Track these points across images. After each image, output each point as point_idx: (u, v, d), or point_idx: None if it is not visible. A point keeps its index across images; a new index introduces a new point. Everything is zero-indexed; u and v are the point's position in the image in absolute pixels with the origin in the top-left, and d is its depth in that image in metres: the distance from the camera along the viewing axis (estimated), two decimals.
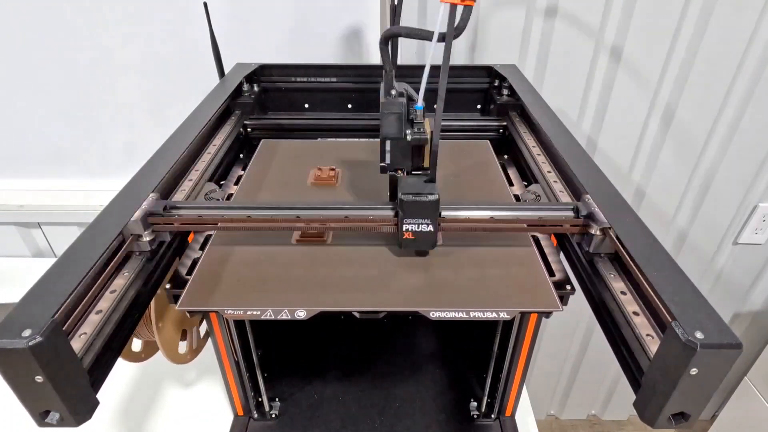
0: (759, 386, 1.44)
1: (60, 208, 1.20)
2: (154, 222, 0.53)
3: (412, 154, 0.53)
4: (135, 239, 0.51)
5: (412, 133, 0.52)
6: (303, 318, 0.49)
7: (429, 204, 0.51)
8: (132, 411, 0.89)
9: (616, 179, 0.60)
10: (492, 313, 0.49)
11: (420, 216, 0.52)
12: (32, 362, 0.35)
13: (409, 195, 0.51)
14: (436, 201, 0.51)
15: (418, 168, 0.55)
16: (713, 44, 1.02)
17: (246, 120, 0.86)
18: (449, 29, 0.45)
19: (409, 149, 0.53)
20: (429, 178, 0.54)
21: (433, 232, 0.53)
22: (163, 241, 0.54)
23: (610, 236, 0.50)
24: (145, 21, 1.00)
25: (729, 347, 0.36)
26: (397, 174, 0.55)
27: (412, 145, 0.53)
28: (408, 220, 0.52)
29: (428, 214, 0.52)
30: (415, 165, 0.54)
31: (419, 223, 0.52)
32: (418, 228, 0.53)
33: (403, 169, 0.55)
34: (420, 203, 0.51)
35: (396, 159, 0.54)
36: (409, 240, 0.53)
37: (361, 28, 1.02)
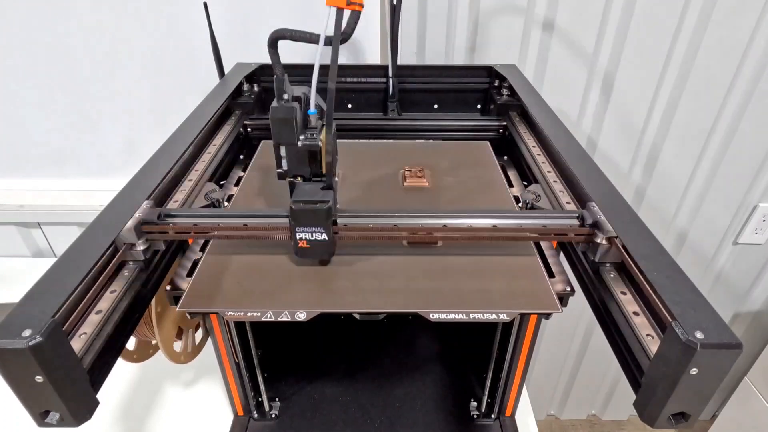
0: (759, 386, 1.44)
1: (60, 208, 1.20)
2: (147, 230, 0.51)
3: (308, 160, 0.52)
4: (128, 248, 0.50)
5: (304, 139, 0.50)
6: (303, 319, 0.49)
7: (320, 212, 0.50)
8: (132, 411, 0.89)
9: (616, 179, 0.60)
10: (491, 314, 0.49)
11: (312, 224, 0.51)
12: (32, 362, 0.35)
13: (299, 203, 0.50)
14: (327, 209, 0.50)
15: (317, 174, 0.53)
16: (713, 44, 1.02)
17: (246, 120, 0.86)
18: (336, 33, 0.45)
19: (304, 155, 0.51)
20: (326, 184, 0.52)
21: (327, 241, 0.52)
22: (157, 250, 0.53)
23: (616, 245, 0.49)
24: (145, 21, 1.00)
25: (729, 347, 0.36)
26: (296, 181, 0.53)
27: (306, 151, 0.51)
28: (300, 228, 0.51)
29: (320, 222, 0.50)
30: (314, 171, 0.53)
31: (312, 232, 0.51)
32: (312, 236, 0.51)
33: (302, 175, 0.53)
34: (310, 211, 0.50)
35: (293, 165, 0.52)
36: (304, 249, 0.52)
37: (361, 28, 1.01)
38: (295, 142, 0.50)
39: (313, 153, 0.51)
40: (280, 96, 0.50)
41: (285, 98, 0.50)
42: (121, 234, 0.49)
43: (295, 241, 0.52)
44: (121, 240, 0.49)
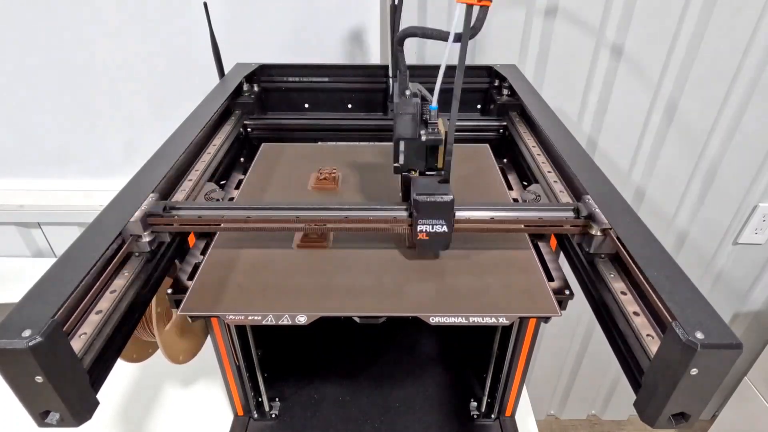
0: (759, 386, 1.44)
1: (60, 208, 1.20)
2: (153, 222, 0.52)
3: (426, 155, 0.53)
4: (135, 240, 0.51)
5: (426, 133, 0.51)
6: (304, 323, 0.49)
7: (444, 204, 0.51)
8: (132, 411, 0.89)
9: (616, 179, 0.60)
10: (491, 318, 0.49)
11: (434, 216, 0.51)
12: (32, 362, 0.35)
13: (423, 195, 0.50)
14: (450, 201, 0.51)
15: (431, 168, 0.54)
16: (713, 44, 1.02)
17: (246, 120, 0.86)
18: (465, 29, 0.44)
19: (423, 150, 0.52)
20: (443, 178, 0.53)
21: (447, 232, 0.52)
22: (162, 242, 0.54)
23: (610, 237, 0.50)
24: (145, 21, 1.00)
25: (729, 347, 0.36)
26: (411, 174, 0.54)
27: (426, 146, 0.52)
28: (422, 220, 0.51)
29: (443, 214, 0.51)
30: (429, 165, 0.54)
31: (433, 224, 0.52)
32: (432, 229, 0.52)
33: (416, 169, 0.54)
34: (435, 204, 0.51)
35: (410, 159, 0.53)
36: (424, 241, 0.53)
37: (362, 28, 1.02)
38: (418, 137, 0.51)
39: (432, 148, 0.53)
40: (402, 92, 0.51)
41: (407, 94, 0.51)
42: (128, 226, 0.50)
43: (414, 233, 0.52)
44: (128, 231, 0.50)
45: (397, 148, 0.52)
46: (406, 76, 0.50)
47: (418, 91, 0.52)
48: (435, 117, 0.52)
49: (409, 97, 0.50)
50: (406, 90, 0.51)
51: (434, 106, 0.52)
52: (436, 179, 0.53)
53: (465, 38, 0.45)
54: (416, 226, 0.52)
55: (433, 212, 0.51)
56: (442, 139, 0.51)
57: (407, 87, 0.51)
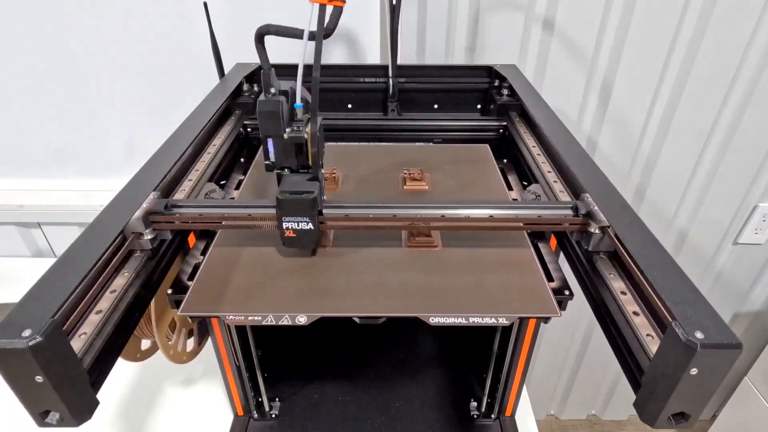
0: (759, 386, 1.44)
1: (60, 208, 1.20)
2: (155, 220, 0.53)
3: (295, 152, 0.53)
4: (136, 238, 0.51)
5: (290, 131, 0.52)
6: (304, 324, 0.49)
7: (306, 202, 0.51)
8: (132, 411, 0.89)
9: (616, 179, 0.60)
10: (491, 319, 0.49)
11: (298, 214, 0.52)
12: (32, 362, 0.35)
13: (285, 193, 0.51)
14: (313, 199, 0.51)
15: (304, 166, 0.55)
16: (713, 44, 1.02)
17: (246, 120, 0.86)
18: (319, 29, 0.47)
19: (291, 147, 0.53)
20: (312, 176, 0.54)
21: (313, 230, 0.53)
22: (164, 240, 0.54)
23: (609, 235, 0.50)
24: (145, 21, 1.00)
25: (729, 347, 0.36)
26: (283, 172, 0.55)
27: (293, 143, 0.52)
28: (286, 218, 0.52)
29: (306, 212, 0.52)
30: (301, 163, 0.54)
31: (298, 221, 0.53)
32: (298, 226, 0.53)
33: (289, 167, 0.54)
34: (296, 201, 0.51)
35: (279, 157, 0.54)
36: (291, 238, 0.54)
37: (361, 27, 1.02)
38: (282, 135, 0.51)
39: (299, 145, 0.53)
40: (267, 90, 0.51)
41: (272, 92, 0.51)
42: (130, 224, 0.50)
43: (281, 230, 0.53)
44: (130, 229, 0.51)
45: (266, 146, 0.53)
46: (269, 73, 0.51)
47: (289, 89, 0.52)
48: (301, 114, 0.53)
49: (273, 94, 0.51)
50: (270, 88, 0.51)
51: (298, 104, 0.52)
52: (306, 177, 0.54)
53: (319, 37, 0.47)
54: (281, 223, 0.53)
55: (296, 210, 0.52)
56: (304, 136, 0.52)
57: (271, 85, 0.51)
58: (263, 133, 0.52)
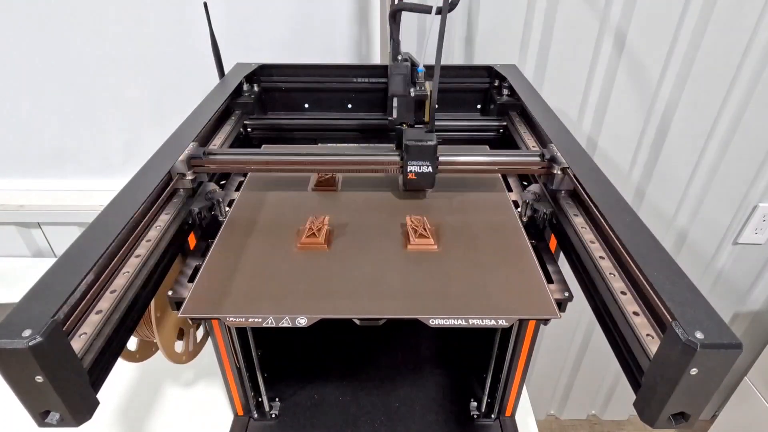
0: (759, 386, 1.44)
1: (60, 208, 1.20)
2: (195, 164, 0.63)
3: (414, 109, 0.64)
4: (180, 178, 0.61)
5: (415, 90, 0.63)
6: (304, 325, 0.49)
7: (429, 148, 0.61)
8: (132, 411, 0.89)
9: (616, 179, 0.61)
10: (491, 320, 0.49)
11: (421, 158, 0.61)
12: (32, 362, 0.35)
13: (412, 141, 0.61)
14: (434, 146, 0.61)
15: (419, 122, 0.65)
16: (713, 44, 1.02)
17: (246, 120, 0.86)
18: (445, 3, 0.55)
19: (413, 104, 0.64)
20: (429, 129, 0.63)
21: (431, 173, 0.62)
22: (201, 182, 0.64)
23: (568, 175, 0.60)
24: (145, 21, 1.01)
25: (729, 347, 0.36)
26: (403, 127, 0.64)
27: (415, 101, 0.63)
28: (411, 162, 0.62)
29: (428, 156, 0.61)
30: (417, 119, 0.65)
31: (420, 165, 0.62)
32: (420, 169, 0.62)
33: (407, 122, 0.65)
34: (422, 147, 0.61)
35: (401, 114, 0.64)
36: (412, 180, 0.63)
37: (361, 27, 1.02)
38: (408, 93, 0.63)
39: (420, 102, 0.64)
40: (395, 57, 0.65)
41: (399, 58, 0.64)
42: (175, 165, 0.60)
43: (405, 172, 0.63)
44: (175, 170, 0.61)
45: (391, 104, 0.63)
46: (398, 43, 0.63)
47: (408, 56, 0.63)
48: (422, 78, 0.65)
49: (400, 60, 0.62)
50: (398, 55, 0.63)
51: (421, 68, 0.64)
52: (423, 130, 0.63)
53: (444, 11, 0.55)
54: (406, 167, 0.62)
55: (420, 155, 0.61)
56: (428, 94, 0.62)
57: (399, 53, 0.63)
58: (392, 92, 0.64)
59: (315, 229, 0.60)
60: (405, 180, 0.63)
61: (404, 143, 0.60)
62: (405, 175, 0.62)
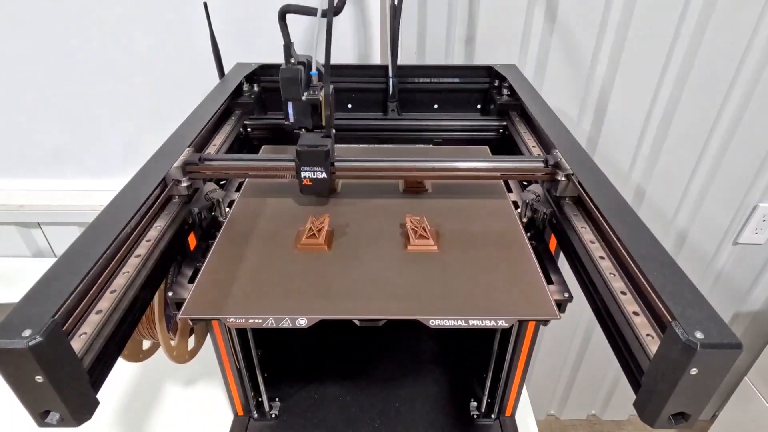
0: (759, 386, 1.44)
1: (60, 208, 1.20)
2: (191, 171, 0.61)
3: (311, 114, 0.62)
4: (175, 184, 0.60)
5: (308, 94, 0.61)
6: (304, 326, 0.49)
7: (321, 153, 0.60)
8: (132, 411, 0.89)
9: (616, 179, 0.61)
10: (490, 321, 0.49)
11: (314, 164, 0.60)
12: (32, 362, 0.35)
13: (303, 146, 0.60)
14: (326, 151, 0.60)
15: (318, 127, 0.63)
16: (713, 44, 1.02)
17: (246, 120, 0.86)
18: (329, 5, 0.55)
19: (307, 108, 0.62)
20: (325, 133, 0.62)
21: (326, 178, 0.61)
22: (197, 188, 0.63)
23: (573, 182, 0.59)
24: (145, 21, 1.00)
25: (729, 347, 0.36)
26: (300, 132, 0.63)
27: (309, 105, 0.61)
28: (304, 168, 0.61)
29: (321, 162, 0.60)
30: (315, 123, 0.63)
31: (314, 171, 0.61)
32: (314, 175, 0.61)
33: (305, 127, 0.63)
34: (313, 153, 0.60)
35: (298, 118, 0.62)
36: (307, 186, 0.62)
37: (361, 27, 1.02)
38: (300, 97, 0.61)
39: (314, 106, 0.62)
40: (287, 60, 0.61)
41: (292, 62, 0.61)
42: (170, 171, 0.59)
43: (300, 179, 0.62)
44: (170, 177, 0.59)
45: (286, 108, 0.62)
46: (289, 46, 0.61)
47: (306, 60, 0.61)
48: (316, 81, 0.62)
49: (293, 64, 0.60)
50: (290, 58, 0.61)
51: (314, 72, 0.62)
52: (320, 135, 0.62)
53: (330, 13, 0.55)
54: (299, 173, 0.61)
55: (313, 160, 0.60)
56: (319, 98, 0.60)
57: (291, 56, 0.61)
58: (284, 96, 0.61)
59: (315, 230, 0.60)
60: (300, 186, 0.62)
61: (296, 149, 0.60)
62: (300, 181, 0.62)
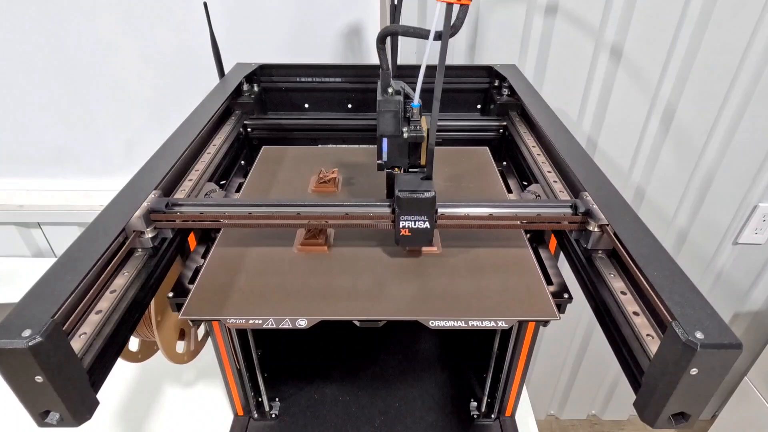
0: (759, 386, 1.44)
1: (60, 208, 1.20)
2: (156, 219, 0.53)
3: (408, 152, 0.53)
4: (137, 236, 0.51)
5: (408, 130, 0.52)
6: (304, 327, 0.49)
7: (425, 201, 0.51)
8: (132, 411, 0.89)
9: (616, 179, 0.60)
10: (490, 322, 0.49)
11: (416, 213, 0.52)
12: (32, 362, 0.35)
13: (405, 192, 0.51)
14: (432, 198, 0.51)
15: (414, 166, 0.54)
16: (713, 44, 1.02)
17: (246, 120, 0.86)
18: (446, 28, 0.45)
19: (406, 147, 0.53)
20: (426, 175, 0.53)
21: (429, 229, 0.53)
22: (165, 238, 0.54)
23: (608, 233, 0.50)
24: (145, 21, 1.00)
25: (729, 347, 0.36)
26: (394, 172, 0.55)
27: (408, 143, 0.52)
28: (404, 216, 0.52)
29: (424, 210, 0.52)
30: (412, 162, 0.54)
31: (415, 220, 0.52)
32: (415, 225, 0.52)
33: (400, 166, 0.54)
34: (416, 200, 0.51)
35: (393, 157, 0.53)
36: (406, 237, 0.53)
37: (361, 27, 1.02)
38: (400, 134, 0.52)
39: (415, 144, 0.53)
40: (384, 89, 0.51)
41: (390, 92, 0.51)
42: (131, 222, 0.50)
43: (397, 229, 0.53)
44: (131, 228, 0.51)
45: (381, 145, 0.53)
46: (388, 73, 0.50)
47: (401, 89, 0.52)
48: (417, 114, 0.53)
49: (391, 94, 0.51)
50: (388, 88, 0.51)
51: (416, 104, 0.52)
52: (419, 176, 0.54)
53: (445, 36, 0.45)
54: (398, 222, 0.52)
55: (415, 208, 0.52)
56: (424, 136, 0.52)
57: (389, 84, 0.51)
58: (381, 132, 0.52)
59: (315, 231, 0.60)
60: (397, 237, 0.53)
61: (396, 194, 0.51)
62: (397, 231, 0.53)
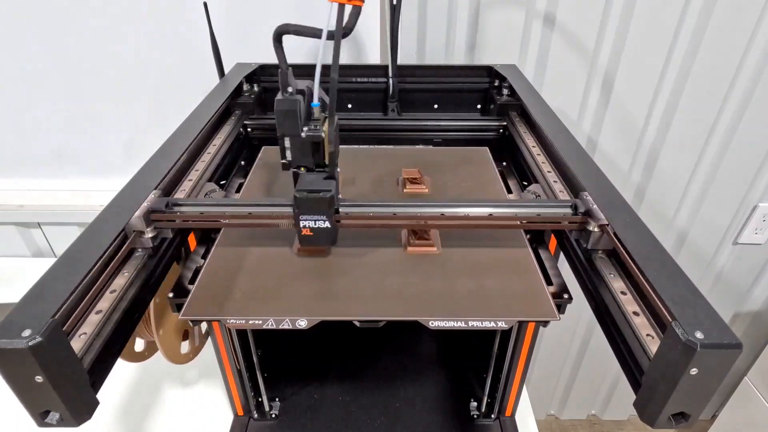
0: (759, 386, 1.44)
1: (60, 208, 1.20)
2: (156, 219, 0.53)
3: (312, 151, 0.53)
4: (137, 236, 0.51)
5: (308, 130, 0.52)
6: (304, 327, 0.49)
7: (322, 200, 0.51)
8: (132, 411, 0.89)
9: (616, 179, 0.60)
10: (490, 322, 0.49)
11: (315, 212, 0.52)
12: (32, 362, 0.35)
13: (303, 191, 0.51)
14: (330, 197, 0.51)
15: (320, 165, 0.54)
16: (713, 44, 1.02)
17: (246, 120, 0.86)
18: (338, 28, 0.46)
19: (308, 146, 0.53)
20: (328, 174, 0.54)
21: (330, 228, 0.53)
22: (165, 238, 0.54)
23: (608, 233, 0.50)
24: (145, 21, 1.00)
25: (729, 347, 0.36)
26: (300, 171, 0.55)
27: (310, 142, 0.52)
28: (303, 216, 0.52)
29: (322, 210, 0.52)
30: (317, 162, 0.54)
31: (315, 219, 0.52)
32: (315, 224, 0.53)
33: (305, 166, 0.54)
34: (313, 200, 0.51)
35: (296, 156, 0.54)
36: (307, 236, 0.54)
37: (361, 27, 1.02)
38: (299, 134, 0.52)
39: (316, 144, 0.53)
40: (284, 89, 0.51)
41: (289, 91, 0.51)
42: (131, 222, 0.50)
43: (299, 228, 0.53)
44: (131, 228, 0.51)
45: (283, 145, 0.53)
46: (286, 73, 0.51)
47: (306, 89, 0.52)
48: (318, 114, 0.53)
49: (291, 94, 0.51)
50: (287, 87, 0.51)
51: (315, 104, 0.52)
52: (322, 176, 0.54)
53: (338, 37, 0.46)
54: (299, 221, 0.53)
55: (314, 208, 0.52)
56: (322, 135, 0.52)
57: (288, 84, 0.51)
58: (280, 132, 0.52)
59: None
60: (299, 236, 0.54)
61: (294, 194, 0.51)
62: (299, 230, 0.53)
